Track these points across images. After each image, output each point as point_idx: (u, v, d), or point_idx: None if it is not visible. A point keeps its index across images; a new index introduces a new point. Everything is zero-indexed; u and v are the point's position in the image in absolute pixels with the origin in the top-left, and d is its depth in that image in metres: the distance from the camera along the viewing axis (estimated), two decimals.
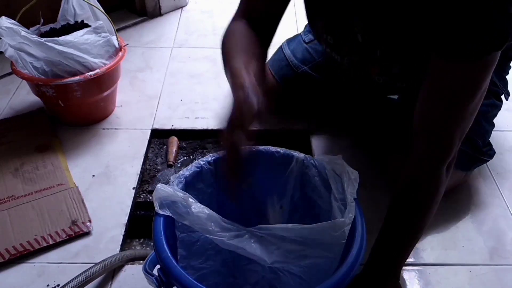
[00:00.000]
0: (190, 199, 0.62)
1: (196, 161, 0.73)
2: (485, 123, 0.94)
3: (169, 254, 0.59)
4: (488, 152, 0.95)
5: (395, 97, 1.15)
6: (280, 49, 1.18)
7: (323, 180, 0.70)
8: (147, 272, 0.64)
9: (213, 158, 0.74)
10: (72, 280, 0.78)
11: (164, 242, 0.61)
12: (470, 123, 0.67)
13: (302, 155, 0.74)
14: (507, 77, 1.00)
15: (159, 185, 0.63)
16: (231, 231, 0.60)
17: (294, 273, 0.73)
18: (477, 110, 0.66)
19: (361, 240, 0.61)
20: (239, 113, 0.57)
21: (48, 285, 0.83)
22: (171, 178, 0.68)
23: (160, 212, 0.62)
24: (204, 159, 0.73)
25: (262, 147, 0.76)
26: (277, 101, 1.19)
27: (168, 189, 0.63)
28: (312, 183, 0.73)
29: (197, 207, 0.61)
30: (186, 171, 0.71)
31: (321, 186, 0.71)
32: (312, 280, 0.67)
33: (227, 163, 0.58)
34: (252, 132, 0.58)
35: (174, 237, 0.67)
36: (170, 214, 0.62)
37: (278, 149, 0.76)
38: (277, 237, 0.59)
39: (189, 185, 0.70)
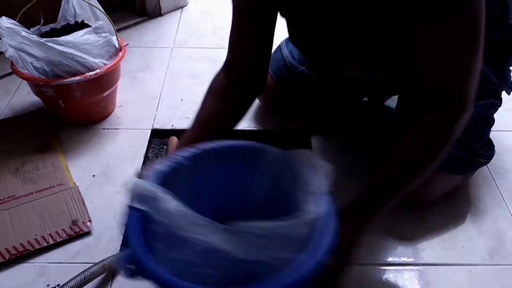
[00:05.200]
0: (165, 195, 0.62)
1: (172, 156, 0.73)
2: (482, 124, 0.93)
3: (140, 246, 0.59)
4: (485, 153, 0.94)
5: (393, 105, 1.16)
6: (279, 48, 1.18)
7: (295, 173, 0.70)
8: (121, 263, 0.63)
9: (191, 153, 0.73)
10: (71, 279, 0.78)
11: (135, 235, 0.61)
12: (477, 75, 0.69)
13: (274, 148, 0.74)
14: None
15: (134, 179, 0.63)
16: (204, 227, 0.61)
17: (267, 263, 0.74)
18: (479, 62, 0.67)
19: (330, 232, 0.61)
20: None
21: (48, 285, 0.83)
22: (147, 172, 0.68)
23: (134, 205, 0.62)
24: (181, 154, 0.73)
25: (234, 142, 0.76)
26: (275, 100, 1.19)
27: (144, 183, 0.63)
28: (285, 177, 0.73)
29: (169, 203, 0.61)
30: (163, 166, 0.71)
31: (292, 179, 0.71)
32: (285, 269, 0.68)
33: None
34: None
35: (150, 230, 0.67)
36: (144, 208, 0.62)
37: (250, 142, 0.76)
38: (248, 232, 0.60)
39: (165, 180, 0.69)
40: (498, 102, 0.95)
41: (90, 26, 1.12)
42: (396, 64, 0.84)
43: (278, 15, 0.83)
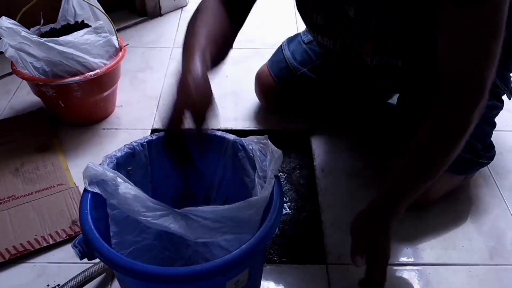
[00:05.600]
0: (119, 179, 0.63)
1: (129, 143, 0.74)
2: (484, 125, 0.93)
3: (92, 227, 0.60)
4: (487, 154, 0.94)
5: (394, 102, 1.16)
6: (280, 49, 1.18)
7: (251, 160, 0.72)
8: (72, 245, 0.64)
9: (146, 140, 0.75)
10: (71, 279, 0.78)
11: (88, 216, 0.62)
12: (496, 64, 0.70)
13: (232, 137, 0.75)
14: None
15: (89, 164, 0.64)
16: (156, 211, 0.62)
17: (222, 246, 0.76)
18: (499, 51, 0.68)
19: (276, 215, 0.62)
20: (189, 98, 0.63)
21: (48, 285, 0.83)
22: (103, 158, 0.69)
23: (89, 189, 0.64)
24: (137, 141, 0.74)
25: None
26: (276, 101, 1.20)
27: (98, 168, 0.63)
28: (241, 164, 0.74)
29: (124, 187, 0.62)
30: (118, 152, 0.71)
31: (248, 166, 0.73)
32: (233, 249, 0.69)
33: (173, 145, 0.64)
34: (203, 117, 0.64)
35: (107, 214, 0.68)
36: (99, 192, 0.63)
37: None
38: (199, 216, 0.61)
39: (121, 166, 0.70)
40: (500, 105, 0.95)
41: (90, 26, 1.12)
42: (398, 63, 0.84)
43: None
